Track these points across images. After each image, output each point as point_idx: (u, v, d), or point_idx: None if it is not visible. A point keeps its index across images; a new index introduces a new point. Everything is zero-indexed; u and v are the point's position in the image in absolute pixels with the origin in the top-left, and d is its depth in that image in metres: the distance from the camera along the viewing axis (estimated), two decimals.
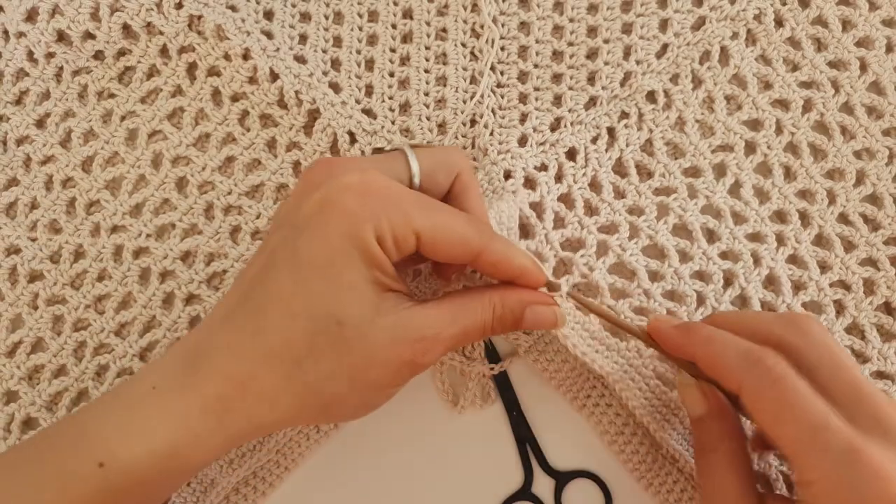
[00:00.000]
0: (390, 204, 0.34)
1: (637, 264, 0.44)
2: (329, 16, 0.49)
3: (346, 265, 0.33)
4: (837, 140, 0.47)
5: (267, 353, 0.33)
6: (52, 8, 0.48)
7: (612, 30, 0.48)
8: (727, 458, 0.37)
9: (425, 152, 0.38)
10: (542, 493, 0.45)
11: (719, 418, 0.37)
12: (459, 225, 0.36)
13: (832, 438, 0.32)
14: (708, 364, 0.37)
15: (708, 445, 0.38)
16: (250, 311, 0.34)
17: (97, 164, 0.48)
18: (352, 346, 0.33)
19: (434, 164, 0.38)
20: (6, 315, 0.46)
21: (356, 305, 0.33)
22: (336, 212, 0.33)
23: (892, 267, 0.46)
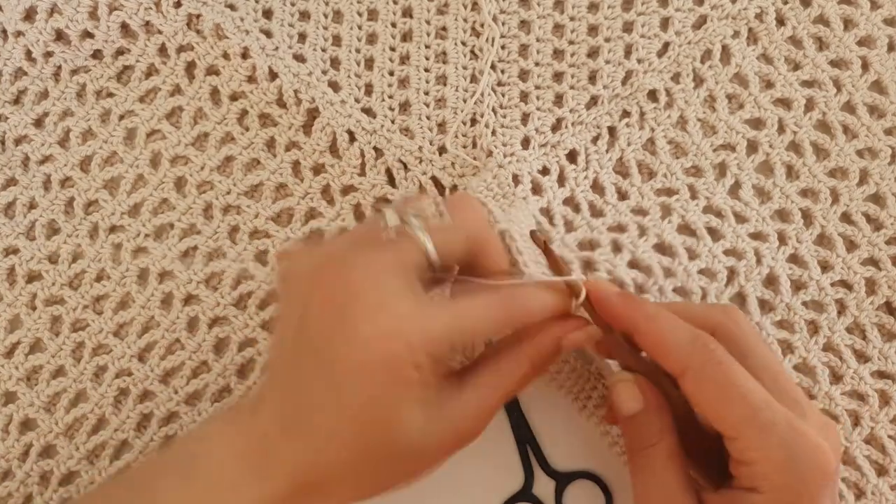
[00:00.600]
0: (422, 339, 0.33)
1: (651, 260, 0.44)
2: (328, 14, 0.49)
3: (395, 401, 0.33)
4: (840, 139, 0.47)
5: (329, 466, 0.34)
6: (50, 7, 0.48)
7: (613, 28, 0.48)
8: (666, 452, 0.37)
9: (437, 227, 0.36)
10: (542, 494, 0.45)
11: (658, 412, 0.38)
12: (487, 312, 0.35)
13: (775, 416, 0.34)
14: (652, 341, 0.37)
15: (645, 441, 0.38)
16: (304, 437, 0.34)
17: (95, 164, 0.48)
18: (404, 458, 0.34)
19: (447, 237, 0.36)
20: (4, 315, 0.46)
21: (405, 430, 0.33)
22: (376, 360, 0.33)
23: (893, 267, 0.45)
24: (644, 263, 0.44)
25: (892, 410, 0.44)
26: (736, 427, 0.34)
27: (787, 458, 0.33)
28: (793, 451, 0.33)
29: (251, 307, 0.45)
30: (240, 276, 0.46)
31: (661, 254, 0.45)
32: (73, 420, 0.45)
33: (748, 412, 0.34)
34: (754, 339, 0.38)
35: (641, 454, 0.38)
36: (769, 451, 0.34)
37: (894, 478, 0.44)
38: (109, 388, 0.45)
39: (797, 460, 0.33)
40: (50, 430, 0.45)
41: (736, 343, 0.37)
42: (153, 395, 0.45)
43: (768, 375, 0.36)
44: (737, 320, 0.38)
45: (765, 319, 0.45)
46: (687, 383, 0.36)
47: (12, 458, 0.45)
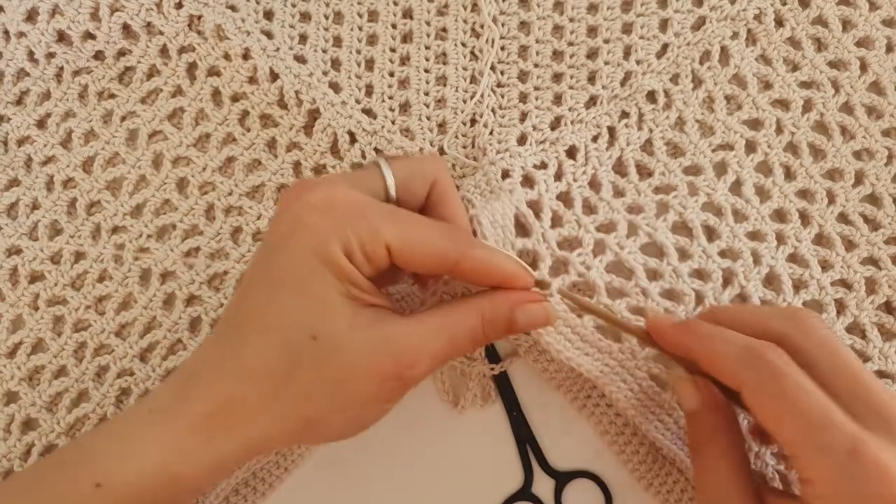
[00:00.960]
0: (356, 217, 0.34)
1: (635, 263, 0.44)
2: (329, 15, 0.49)
3: (316, 280, 0.34)
4: (837, 140, 0.47)
5: (246, 371, 0.34)
6: (52, 8, 0.48)
7: (612, 29, 0.48)
8: (721, 450, 0.37)
9: (400, 163, 0.38)
10: (542, 493, 0.45)
11: (713, 411, 0.37)
12: (432, 234, 0.36)
13: (834, 437, 0.32)
14: (708, 361, 0.36)
15: (702, 438, 0.37)
16: (231, 332, 0.35)
17: (98, 165, 0.48)
18: (328, 360, 0.34)
19: (409, 175, 0.38)
20: (7, 316, 0.46)
21: (329, 318, 0.34)
22: (303, 229, 0.34)
23: (893, 266, 0.46)
24: (628, 265, 0.44)
25: None
26: (792, 445, 0.33)
27: (846, 482, 0.31)
28: (853, 475, 0.31)
29: None
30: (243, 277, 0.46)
31: (651, 255, 0.45)
32: (74, 420, 0.45)
33: (804, 431, 0.32)
34: (826, 346, 0.36)
35: (697, 451, 0.38)
36: (825, 472, 0.32)
37: None
38: (111, 388, 0.45)
39: (857, 485, 0.31)
40: (52, 430, 0.45)
41: (803, 351, 0.35)
42: None
43: (844, 384, 0.34)
44: (807, 325, 0.36)
45: None
46: (745, 399, 0.35)
47: (14, 457, 0.45)
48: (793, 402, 0.33)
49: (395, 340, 0.34)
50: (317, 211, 0.34)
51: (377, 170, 0.38)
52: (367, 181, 0.37)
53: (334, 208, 0.34)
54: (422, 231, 0.35)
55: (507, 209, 0.43)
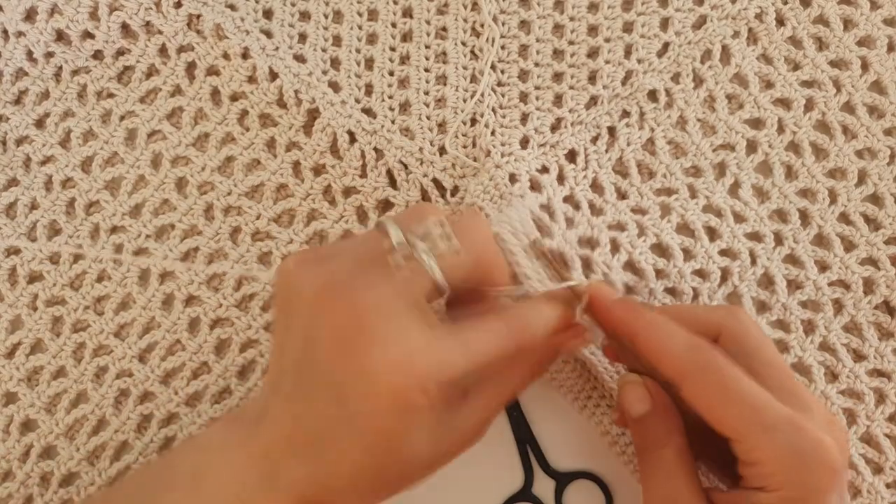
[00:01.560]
0: (434, 370, 0.33)
1: (645, 264, 0.44)
2: (328, 15, 0.49)
3: (407, 426, 0.33)
4: (839, 139, 0.47)
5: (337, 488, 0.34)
6: (50, 7, 0.48)
7: (612, 28, 0.48)
8: (675, 453, 0.37)
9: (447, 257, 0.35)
10: (542, 493, 0.45)
11: (665, 413, 0.38)
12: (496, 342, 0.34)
13: (776, 415, 0.34)
14: (649, 349, 0.37)
15: (654, 443, 0.38)
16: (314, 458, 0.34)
17: (97, 165, 0.48)
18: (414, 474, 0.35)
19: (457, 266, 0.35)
20: (5, 316, 0.46)
21: (416, 451, 0.34)
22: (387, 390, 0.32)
23: (892, 266, 0.46)
24: (639, 265, 0.44)
25: (888, 409, 0.45)
26: (738, 429, 0.35)
27: (792, 456, 0.34)
28: (797, 449, 0.34)
29: (254, 309, 0.46)
30: (243, 278, 0.46)
31: (658, 255, 0.45)
32: (73, 421, 0.45)
33: (749, 414, 0.34)
34: (759, 339, 0.38)
35: (650, 456, 0.38)
36: (773, 450, 0.34)
37: (890, 476, 0.44)
38: (110, 388, 0.45)
39: (802, 458, 0.34)
40: (50, 430, 0.45)
41: (740, 343, 0.37)
42: (153, 396, 0.45)
43: (773, 374, 0.36)
44: (741, 320, 0.38)
45: (761, 319, 0.45)
46: (686, 390, 0.36)
47: (13, 458, 0.45)
48: (736, 388, 0.35)
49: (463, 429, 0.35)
50: (397, 368, 0.32)
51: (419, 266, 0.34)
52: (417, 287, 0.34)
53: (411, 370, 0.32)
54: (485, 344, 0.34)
55: (524, 215, 0.43)
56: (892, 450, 0.44)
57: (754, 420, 0.34)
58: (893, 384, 0.45)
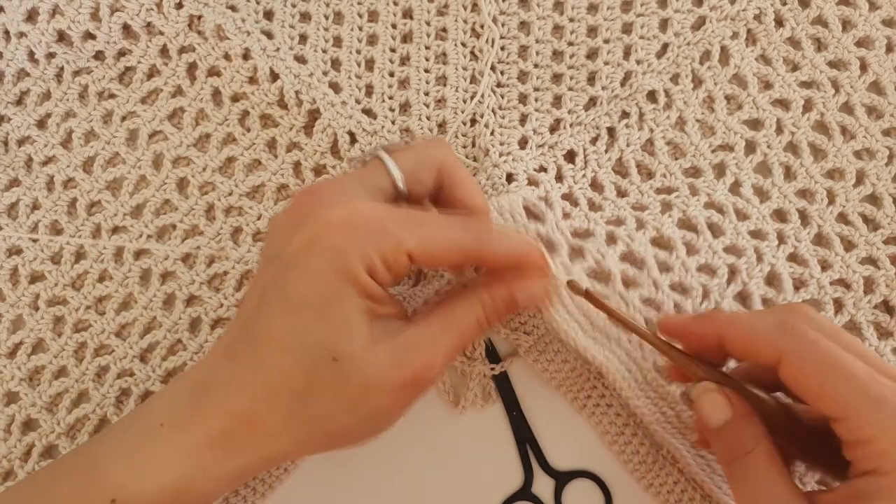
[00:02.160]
0: (378, 233, 0.34)
1: (646, 253, 0.44)
2: (329, 16, 0.49)
3: (338, 301, 0.33)
4: (837, 140, 0.47)
5: (266, 390, 0.34)
6: (52, 8, 0.48)
7: (612, 30, 0.48)
8: (766, 456, 0.35)
9: (404, 154, 0.38)
10: (542, 493, 0.45)
11: (749, 418, 0.36)
12: (452, 234, 0.35)
13: (884, 389, 0.32)
14: (739, 341, 0.36)
15: (740, 450, 0.36)
16: (248, 348, 0.35)
17: (98, 165, 0.48)
18: (350, 379, 0.33)
19: (415, 165, 0.38)
20: (7, 316, 0.46)
21: (351, 339, 0.33)
22: (324, 250, 0.33)
23: (891, 266, 0.46)
24: (638, 256, 0.44)
25: None
26: (844, 406, 0.32)
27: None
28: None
29: None
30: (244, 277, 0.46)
31: (660, 248, 0.45)
32: (74, 420, 0.45)
33: (855, 386, 0.32)
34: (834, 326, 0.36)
35: (739, 464, 0.36)
36: (884, 423, 0.31)
37: None
38: (111, 388, 0.45)
39: None
40: (52, 430, 0.45)
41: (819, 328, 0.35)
42: None
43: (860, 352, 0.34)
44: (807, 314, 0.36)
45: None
46: (785, 370, 0.34)
47: (14, 458, 0.45)
48: (837, 362, 0.33)
49: (409, 348, 0.34)
50: (337, 229, 0.34)
51: (381, 165, 0.37)
52: (374, 179, 0.37)
53: (355, 227, 0.34)
54: (441, 232, 0.35)
55: (515, 201, 0.43)
56: None
57: (861, 393, 0.32)
58: None
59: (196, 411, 0.34)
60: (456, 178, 0.39)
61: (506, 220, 0.43)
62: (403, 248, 0.34)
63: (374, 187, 0.36)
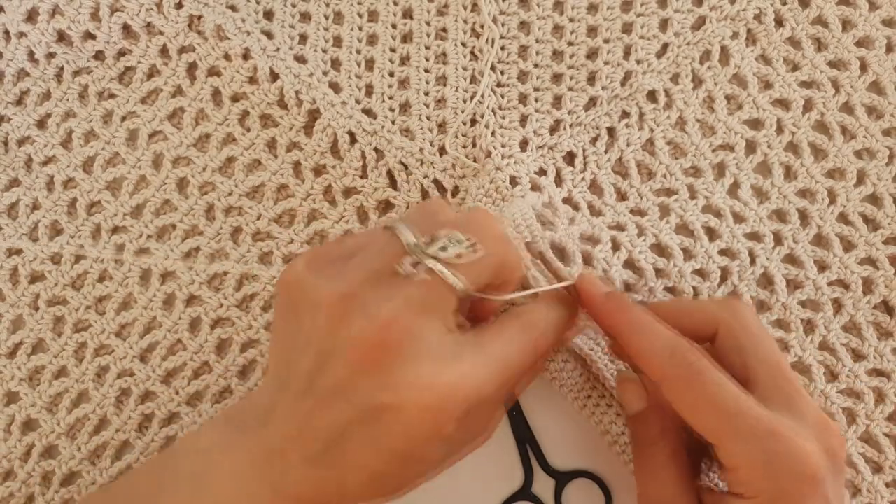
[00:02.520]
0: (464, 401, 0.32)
1: (645, 263, 0.44)
2: (329, 16, 0.49)
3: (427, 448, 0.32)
4: (838, 140, 0.47)
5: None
6: (52, 8, 0.48)
7: (612, 29, 0.48)
8: (666, 451, 0.38)
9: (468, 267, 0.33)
10: (542, 493, 0.45)
11: (659, 411, 0.38)
12: (513, 355, 0.34)
13: (753, 422, 0.34)
14: (633, 350, 0.37)
15: (647, 439, 0.38)
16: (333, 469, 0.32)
17: (98, 165, 0.48)
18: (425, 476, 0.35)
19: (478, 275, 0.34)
20: (7, 316, 0.46)
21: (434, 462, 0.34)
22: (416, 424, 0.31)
23: (891, 266, 0.46)
24: (639, 264, 0.44)
25: (888, 408, 0.45)
26: (714, 435, 0.34)
27: (767, 464, 0.33)
28: (772, 457, 0.33)
29: (255, 309, 0.46)
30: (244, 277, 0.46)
31: (658, 254, 0.45)
32: (74, 420, 0.45)
33: (725, 419, 0.34)
34: (756, 335, 0.37)
35: (644, 452, 0.39)
36: (748, 457, 0.34)
37: (889, 475, 0.44)
38: (111, 388, 0.45)
39: (777, 466, 0.33)
40: (52, 430, 0.45)
41: (736, 338, 0.37)
42: (155, 395, 0.45)
43: (767, 373, 0.36)
44: (740, 314, 0.38)
45: (762, 318, 0.45)
46: (665, 391, 0.36)
47: (14, 458, 0.45)
48: (714, 394, 0.34)
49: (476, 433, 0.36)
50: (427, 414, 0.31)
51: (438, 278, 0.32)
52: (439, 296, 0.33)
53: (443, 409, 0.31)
54: (511, 366, 0.33)
55: (526, 209, 0.43)
56: (891, 449, 0.44)
57: (730, 426, 0.34)
58: (893, 384, 0.45)
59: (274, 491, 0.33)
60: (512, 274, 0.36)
61: (521, 232, 0.42)
62: (486, 390, 0.32)
63: (441, 310, 0.32)
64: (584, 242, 0.44)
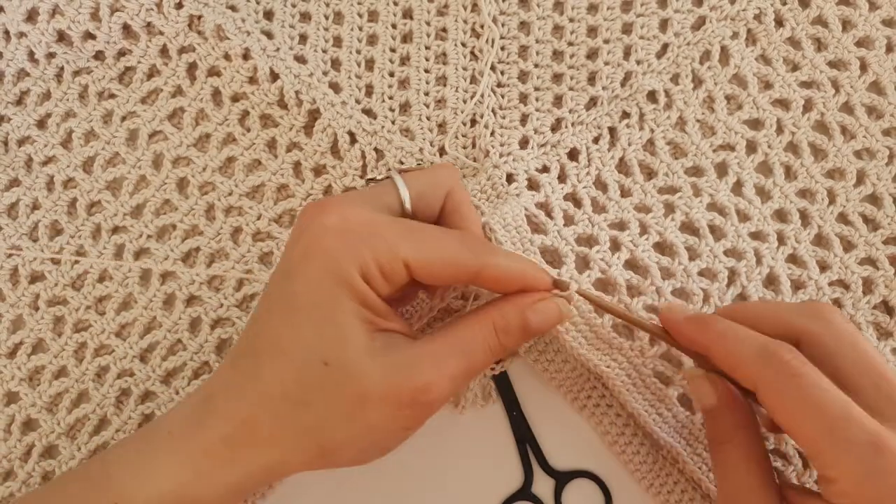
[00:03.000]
0: (372, 238, 0.34)
1: (649, 261, 0.44)
2: (329, 16, 0.49)
3: (332, 304, 0.33)
4: (838, 140, 0.47)
5: (264, 396, 0.34)
6: (52, 8, 0.48)
7: (612, 30, 0.48)
8: (742, 449, 0.36)
9: (414, 176, 0.38)
10: (542, 493, 0.45)
11: (731, 409, 0.37)
12: (451, 246, 0.35)
13: (854, 432, 0.31)
14: (723, 360, 0.36)
15: (721, 437, 0.37)
16: (249, 356, 0.35)
17: (98, 165, 0.48)
18: (340, 387, 0.33)
19: (423, 186, 0.38)
20: (7, 316, 0.46)
21: (343, 345, 0.33)
22: (318, 252, 0.34)
23: (890, 266, 0.46)
24: (642, 264, 0.44)
25: None
26: (811, 444, 0.33)
27: (867, 478, 0.31)
28: (873, 471, 0.31)
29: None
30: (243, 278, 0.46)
31: (662, 253, 0.45)
32: (74, 420, 0.45)
33: (823, 429, 0.32)
34: (847, 339, 0.35)
35: (719, 450, 0.37)
36: (847, 469, 0.32)
37: None
38: (111, 388, 0.45)
39: (879, 480, 0.31)
40: (52, 430, 0.45)
41: (824, 345, 0.35)
42: (155, 395, 0.45)
43: (868, 380, 0.34)
44: (828, 319, 0.36)
45: None
46: (761, 399, 0.34)
47: (14, 458, 0.45)
48: (811, 399, 0.32)
49: (409, 366, 0.34)
50: (331, 233, 0.34)
51: (391, 184, 0.37)
52: (382, 196, 0.37)
53: (349, 230, 0.34)
54: (440, 243, 0.35)
55: (517, 210, 0.43)
56: None
57: (830, 433, 0.32)
58: None
59: (199, 419, 0.35)
60: (460, 205, 0.39)
61: (510, 234, 0.43)
62: (399, 256, 0.34)
63: (381, 204, 0.36)
64: (581, 244, 0.44)
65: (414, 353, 0.34)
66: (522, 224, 0.43)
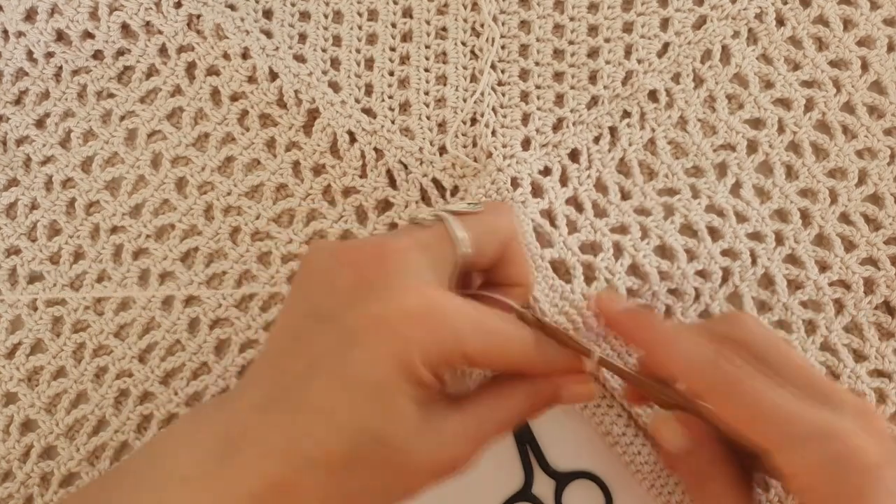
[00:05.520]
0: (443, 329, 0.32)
1: (650, 267, 0.44)
2: (328, 15, 0.49)
3: (394, 389, 0.32)
4: (839, 139, 0.47)
5: (307, 461, 0.32)
6: (50, 7, 0.48)
7: (613, 28, 0.48)
8: (723, 484, 0.36)
9: (472, 222, 0.35)
10: (542, 493, 0.45)
11: (706, 445, 0.37)
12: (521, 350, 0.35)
13: (808, 426, 0.33)
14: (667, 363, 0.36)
15: (701, 477, 0.37)
16: (290, 413, 0.32)
17: (97, 165, 0.48)
18: (387, 461, 0.33)
19: (482, 235, 0.36)
20: (6, 316, 0.46)
21: (396, 426, 0.32)
22: (394, 338, 0.32)
23: (892, 266, 0.46)
24: (643, 269, 0.44)
25: (889, 409, 0.45)
26: (771, 443, 0.33)
27: (825, 468, 0.32)
28: (830, 460, 0.32)
29: (254, 309, 0.46)
30: (246, 278, 0.46)
31: (662, 256, 0.45)
32: (73, 421, 0.45)
33: (780, 426, 0.33)
34: (774, 343, 0.36)
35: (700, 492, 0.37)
36: (805, 461, 0.33)
37: None
38: (110, 389, 0.45)
39: (837, 467, 0.32)
40: (50, 431, 0.45)
41: (751, 348, 0.36)
42: (154, 396, 0.45)
43: (793, 374, 0.35)
44: (746, 325, 0.37)
45: (762, 319, 0.45)
46: (713, 404, 0.35)
47: (13, 459, 0.45)
48: (764, 402, 0.33)
49: (452, 443, 0.34)
50: (414, 322, 0.32)
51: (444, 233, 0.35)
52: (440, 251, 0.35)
53: (433, 328, 0.32)
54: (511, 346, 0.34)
55: (525, 224, 0.43)
56: None
57: (785, 433, 0.33)
58: (894, 384, 0.45)
59: (224, 468, 0.32)
60: (515, 255, 0.37)
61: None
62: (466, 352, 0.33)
63: (441, 260, 0.34)
64: (586, 251, 0.44)
65: (456, 429, 0.34)
66: (531, 240, 0.43)
